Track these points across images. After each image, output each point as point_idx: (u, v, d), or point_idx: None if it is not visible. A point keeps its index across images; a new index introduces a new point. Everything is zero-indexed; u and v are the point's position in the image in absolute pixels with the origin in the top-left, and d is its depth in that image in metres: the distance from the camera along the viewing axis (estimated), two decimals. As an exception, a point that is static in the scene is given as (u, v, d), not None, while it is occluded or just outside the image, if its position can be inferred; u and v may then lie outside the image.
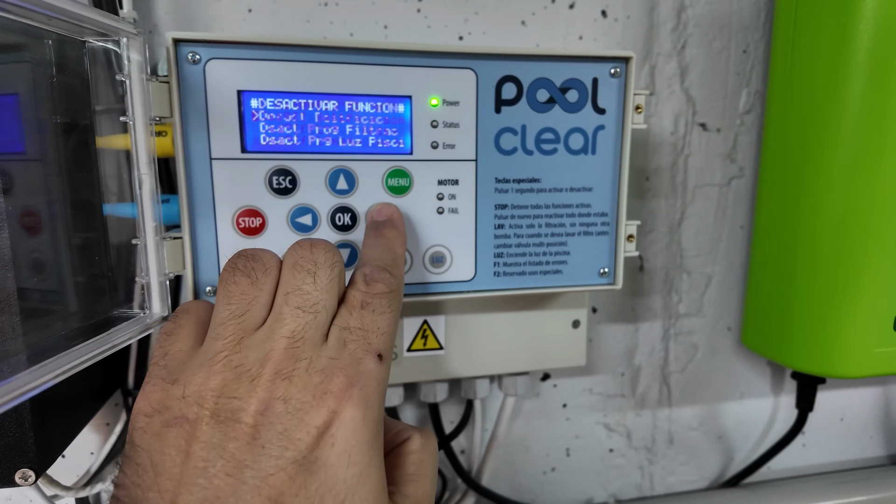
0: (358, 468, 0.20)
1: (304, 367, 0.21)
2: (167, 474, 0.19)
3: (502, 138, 0.33)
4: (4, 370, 0.23)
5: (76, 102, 0.28)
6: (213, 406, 0.20)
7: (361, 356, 0.21)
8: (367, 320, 0.23)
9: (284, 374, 0.20)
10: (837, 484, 0.54)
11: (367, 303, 0.23)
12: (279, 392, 0.20)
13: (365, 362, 0.21)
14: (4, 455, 0.26)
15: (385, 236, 0.28)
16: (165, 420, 0.20)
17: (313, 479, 0.19)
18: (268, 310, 0.23)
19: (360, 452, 0.20)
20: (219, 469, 0.19)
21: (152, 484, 0.19)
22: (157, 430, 0.20)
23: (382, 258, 0.26)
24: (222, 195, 0.29)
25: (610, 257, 0.35)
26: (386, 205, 0.31)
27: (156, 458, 0.19)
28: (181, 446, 0.19)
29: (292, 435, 0.19)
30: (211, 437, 0.19)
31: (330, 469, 0.19)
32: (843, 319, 0.42)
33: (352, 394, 0.20)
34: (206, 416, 0.20)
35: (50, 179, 0.27)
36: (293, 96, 0.29)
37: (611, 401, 0.50)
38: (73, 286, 0.28)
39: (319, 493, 0.19)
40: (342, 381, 0.20)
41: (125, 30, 0.25)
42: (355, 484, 0.19)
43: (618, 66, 0.33)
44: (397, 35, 0.40)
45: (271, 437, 0.19)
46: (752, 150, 0.48)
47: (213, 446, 0.19)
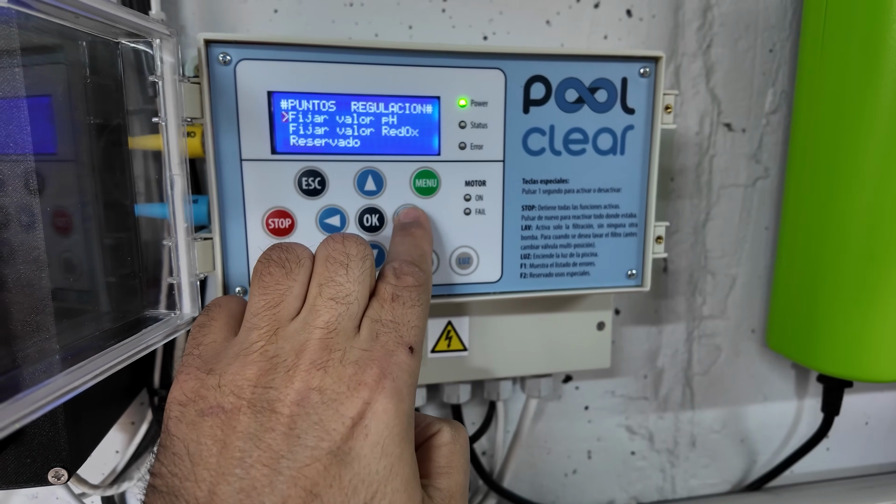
0: (390, 460, 0.20)
1: (339, 359, 0.21)
2: (204, 464, 0.19)
3: (530, 139, 0.32)
4: (40, 372, 0.24)
5: (109, 103, 0.28)
6: (250, 396, 0.20)
7: (393, 348, 0.22)
8: (398, 313, 0.23)
9: (319, 364, 0.20)
10: (862, 489, 0.54)
11: (397, 295, 0.23)
12: (315, 382, 0.20)
13: (397, 354, 0.21)
14: (38, 454, 0.26)
15: (413, 234, 0.28)
16: (201, 410, 0.20)
17: (347, 469, 0.19)
18: (301, 301, 0.23)
19: (392, 444, 0.20)
20: (255, 459, 0.19)
21: (189, 474, 0.19)
22: (193, 419, 0.20)
23: (411, 253, 0.26)
24: (252, 196, 0.29)
25: (638, 259, 0.35)
26: (413, 208, 0.31)
27: (192, 447, 0.19)
28: (217, 436, 0.19)
29: (327, 425, 0.19)
30: (248, 427, 0.19)
31: (363, 460, 0.19)
32: (872, 322, 0.41)
33: (384, 385, 0.20)
34: (244, 406, 0.20)
35: (82, 180, 0.28)
36: (323, 97, 0.29)
37: (633, 403, 0.50)
38: (104, 286, 0.28)
39: (353, 484, 0.19)
40: (375, 373, 0.20)
41: (158, 31, 0.25)
42: (388, 475, 0.19)
43: (647, 66, 0.33)
44: (422, 35, 0.40)
45: (307, 428, 0.19)
46: (778, 151, 0.48)
47: (250, 436, 0.19)
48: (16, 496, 0.40)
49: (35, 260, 0.25)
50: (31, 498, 0.40)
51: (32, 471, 0.26)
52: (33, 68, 0.25)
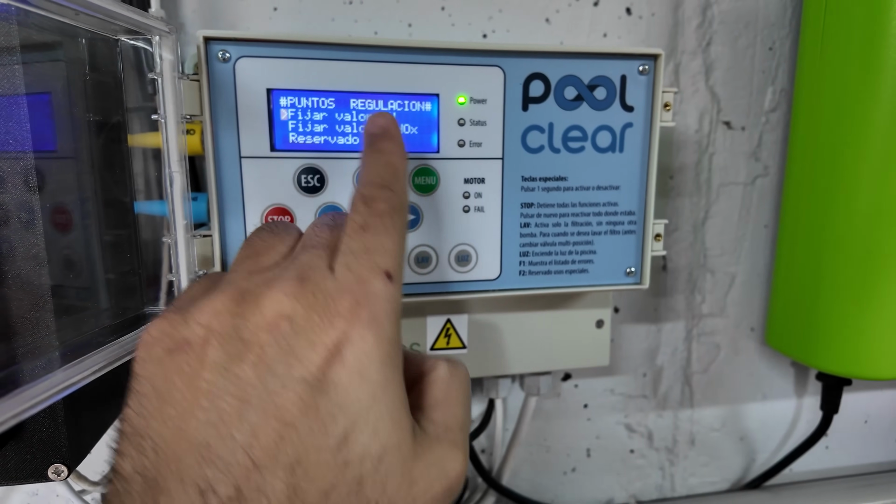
0: (371, 387, 0.19)
1: (311, 290, 0.20)
2: (171, 401, 0.18)
3: (529, 136, 0.32)
4: (40, 367, 0.24)
5: (108, 100, 0.28)
6: (218, 327, 0.19)
7: (367, 277, 0.20)
8: (369, 242, 0.21)
9: (290, 293, 0.19)
10: (861, 487, 0.54)
11: (368, 224, 0.22)
12: (285, 310, 0.19)
13: (371, 283, 0.20)
14: (38, 450, 0.26)
15: (382, 150, 0.25)
16: (168, 347, 0.19)
17: (323, 398, 0.18)
18: (284, 258, 0.22)
19: (373, 370, 0.19)
20: (223, 391, 0.18)
21: (156, 412, 0.18)
22: (160, 357, 0.19)
23: (381, 174, 0.24)
24: (251, 193, 0.29)
25: (637, 256, 0.35)
26: (380, 114, 0.27)
27: (159, 385, 0.19)
28: (185, 371, 0.18)
29: (299, 353, 0.18)
30: (215, 358, 0.18)
31: (340, 388, 0.18)
32: (871, 320, 0.41)
33: (360, 314, 0.19)
34: (211, 338, 0.19)
35: (82, 177, 0.28)
36: (322, 95, 0.29)
37: (632, 401, 0.50)
38: (104, 283, 0.28)
39: (331, 413, 0.18)
40: (349, 302, 0.19)
41: (158, 28, 0.25)
42: (370, 402, 0.18)
43: (646, 64, 0.33)
44: (421, 33, 0.40)
45: (277, 357, 0.18)
46: (777, 149, 0.48)
47: (218, 368, 0.18)
48: (16, 493, 0.40)
49: (35, 257, 0.25)
50: (32, 495, 0.40)
51: (32, 467, 0.27)
52: (33, 65, 0.25)
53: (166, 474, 0.17)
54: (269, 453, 0.17)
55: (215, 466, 0.17)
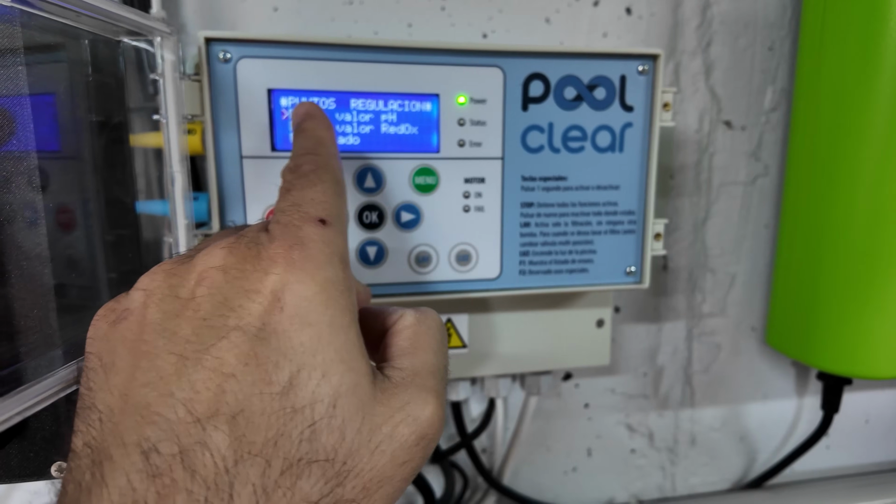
0: (315, 329, 0.18)
1: (244, 244, 0.19)
2: (115, 369, 0.18)
3: (529, 136, 0.33)
4: (43, 366, 0.24)
5: (111, 101, 0.28)
6: (155, 289, 0.19)
7: (299, 224, 0.20)
8: (296, 197, 0.21)
9: (223, 248, 0.19)
10: (862, 487, 0.54)
11: (293, 184, 0.22)
12: (217, 262, 0.19)
13: (304, 228, 0.20)
14: (41, 448, 0.27)
15: (304, 129, 0.26)
16: (111, 320, 0.19)
17: (263, 346, 0.17)
18: None
19: (315, 312, 0.18)
20: (161, 349, 0.17)
21: (103, 383, 0.18)
22: (105, 331, 0.19)
23: (304, 146, 0.24)
24: (252, 193, 0.30)
25: (637, 256, 0.35)
26: (302, 104, 0.27)
27: (105, 358, 0.18)
28: (128, 338, 0.18)
29: (232, 303, 0.18)
30: (154, 318, 0.18)
31: (282, 335, 0.17)
32: (872, 319, 0.41)
33: (293, 256, 0.18)
34: (149, 301, 0.19)
35: (84, 177, 0.28)
36: (322, 95, 0.30)
37: (633, 401, 0.50)
38: (106, 282, 0.29)
39: (273, 360, 0.17)
40: (281, 246, 0.19)
41: (159, 29, 0.26)
42: (315, 346, 0.18)
43: (646, 64, 0.33)
44: (421, 33, 0.40)
45: (212, 309, 0.18)
46: (778, 149, 0.48)
47: (156, 328, 0.18)
48: (18, 492, 0.40)
49: (38, 256, 0.25)
50: (33, 493, 0.41)
51: (35, 465, 0.27)
52: (36, 67, 0.25)
53: (110, 441, 0.17)
54: (209, 406, 0.16)
55: (156, 426, 0.16)
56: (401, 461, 0.18)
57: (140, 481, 0.16)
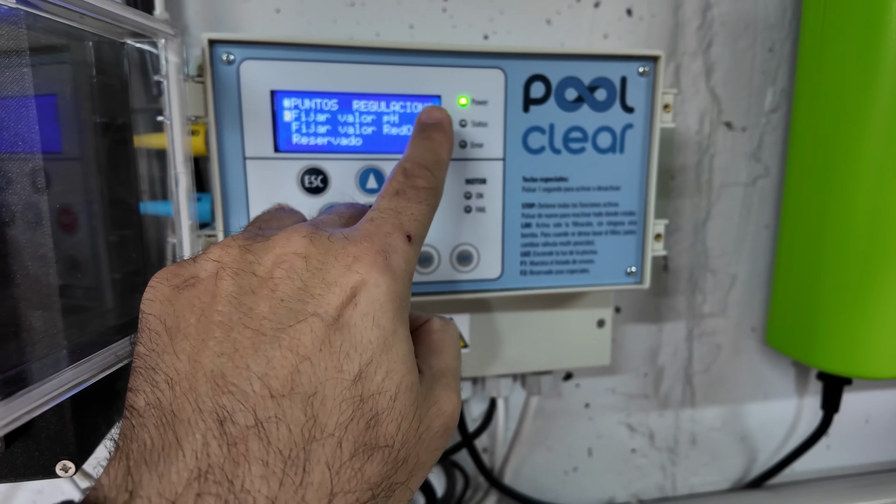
0: (383, 332, 0.19)
1: (326, 236, 0.20)
2: (183, 334, 0.18)
3: (530, 137, 0.33)
4: (48, 366, 0.24)
5: (114, 102, 0.28)
6: (229, 262, 0.19)
7: (390, 230, 0.20)
8: (400, 204, 0.22)
9: (304, 234, 0.19)
10: (862, 486, 0.54)
11: (402, 190, 0.22)
12: (299, 248, 0.19)
13: (393, 236, 0.20)
14: (46, 447, 0.27)
15: (432, 139, 0.27)
16: (176, 284, 0.19)
17: (337, 334, 0.18)
18: None
19: (384, 318, 0.19)
20: (237, 322, 0.18)
21: (167, 346, 0.18)
22: (168, 294, 0.19)
23: (426, 157, 0.25)
24: (255, 194, 0.30)
25: (637, 256, 0.35)
26: (437, 108, 0.29)
27: (169, 321, 0.18)
28: (196, 305, 0.18)
29: (312, 291, 0.18)
30: (227, 290, 0.18)
31: (354, 328, 0.18)
32: (871, 319, 0.41)
33: (377, 261, 0.19)
34: (222, 272, 0.19)
35: (88, 178, 0.28)
36: (325, 96, 0.30)
37: (633, 401, 0.50)
38: (109, 283, 0.29)
39: (345, 349, 0.18)
40: (368, 248, 0.19)
41: (164, 31, 0.26)
42: (382, 346, 0.18)
43: (646, 65, 0.33)
44: (423, 34, 0.40)
45: (291, 292, 0.18)
46: (778, 150, 0.48)
47: (230, 300, 0.18)
48: (22, 491, 0.41)
49: (43, 257, 0.26)
50: (37, 493, 0.41)
51: (41, 464, 0.27)
52: (40, 68, 0.25)
53: (183, 404, 0.17)
54: (285, 384, 0.17)
55: (232, 395, 0.17)
56: (433, 448, 0.20)
57: (217, 447, 0.16)
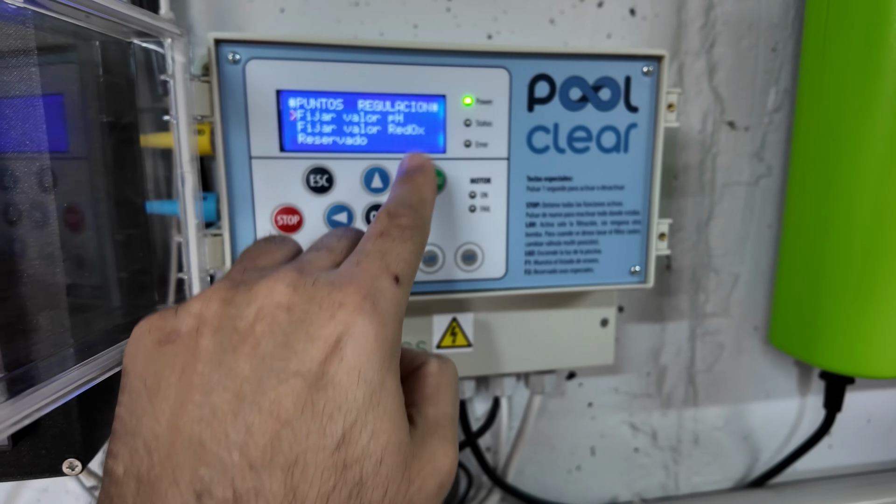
0: (370, 387, 0.18)
1: (310, 282, 0.19)
2: (162, 396, 0.17)
3: (535, 137, 0.33)
4: (55, 365, 0.24)
5: (121, 102, 0.28)
6: (210, 316, 0.18)
7: (377, 273, 0.20)
8: (385, 246, 0.21)
9: (288, 283, 0.18)
10: (864, 486, 0.54)
11: (386, 231, 0.22)
12: (282, 299, 0.18)
13: (380, 279, 0.19)
14: (52, 445, 0.27)
15: (414, 181, 0.26)
16: (157, 339, 0.18)
17: (320, 395, 0.17)
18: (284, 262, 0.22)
19: (372, 370, 0.18)
20: (216, 384, 0.17)
21: (147, 408, 0.17)
22: (149, 350, 0.18)
23: (409, 198, 0.24)
24: (261, 193, 0.30)
25: (641, 255, 0.35)
26: (417, 154, 0.29)
27: (150, 380, 0.18)
28: (176, 363, 0.18)
29: (295, 346, 0.17)
30: (207, 348, 0.18)
31: (339, 386, 0.17)
32: (874, 318, 0.41)
33: (364, 307, 0.18)
34: (203, 327, 0.18)
35: (94, 177, 0.28)
36: (330, 96, 0.30)
37: (636, 400, 0.50)
38: (116, 282, 0.29)
39: (328, 411, 0.17)
40: (353, 293, 0.18)
41: (170, 30, 0.26)
42: (368, 403, 0.17)
43: (650, 65, 0.33)
44: (427, 34, 0.40)
45: (273, 349, 0.17)
46: (781, 149, 0.48)
47: (210, 359, 0.17)
48: (26, 490, 0.41)
49: (50, 256, 0.26)
50: (41, 491, 0.41)
51: (47, 462, 0.27)
52: (47, 67, 0.26)
53: (161, 475, 0.16)
54: (265, 453, 0.16)
55: (211, 467, 0.16)
56: None
57: None
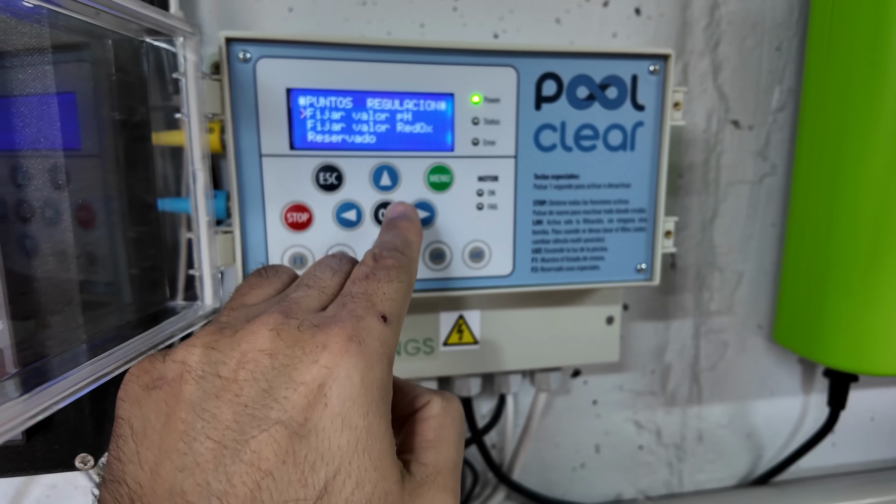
0: (354, 433, 0.17)
1: (295, 325, 0.19)
2: (147, 442, 0.17)
3: (542, 135, 0.33)
4: (68, 361, 0.24)
5: (133, 100, 0.29)
6: (195, 362, 0.18)
7: (362, 314, 0.19)
8: (370, 287, 0.21)
9: (272, 326, 0.18)
10: (867, 484, 0.54)
11: (372, 273, 0.21)
12: (265, 345, 0.18)
13: (366, 319, 0.19)
14: (65, 440, 0.27)
15: (398, 226, 0.27)
16: (145, 384, 0.18)
17: (303, 444, 0.17)
18: (273, 298, 0.22)
19: (357, 415, 0.17)
20: (199, 432, 0.17)
21: (133, 455, 0.17)
22: (137, 395, 0.18)
23: (394, 241, 0.25)
24: (271, 191, 0.30)
25: (647, 253, 0.35)
26: (400, 203, 0.30)
27: (136, 425, 0.18)
28: (162, 409, 0.18)
29: (277, 393, 0.17)
30: (191, 395, 0.18)
31: (322, 433, 0.17)
32: (878, 316, 0.41)
33: (349, 349, 0.18)
34: (187, 373, 0.18)
35: (106, 175, 0.28)
36: (340, 94, 0.30)
37: (641, 398, 0.50)
38: (127, 278, 0.29)
39: (310, 460, 0.17)
40: (338, 334, 0.18)
41: (182, 29, 0.26)
42: (353, 451, 0.17)
43: (657, 64, 0.33)
44: (434, 33, 0.41)
45: (255, 396, 0.17)
46: (785, 148, 0.48)
47: (194, 406, 0.17)
48: (35, 486, 0.41)
49: (63, 253, 0.26)
50: (50, 487, 0.41)
51: (60, 457, 0.27)
52: (60, 65, 0.26)
53: None
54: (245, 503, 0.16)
55: None
56: None
57: None
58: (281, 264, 0.25)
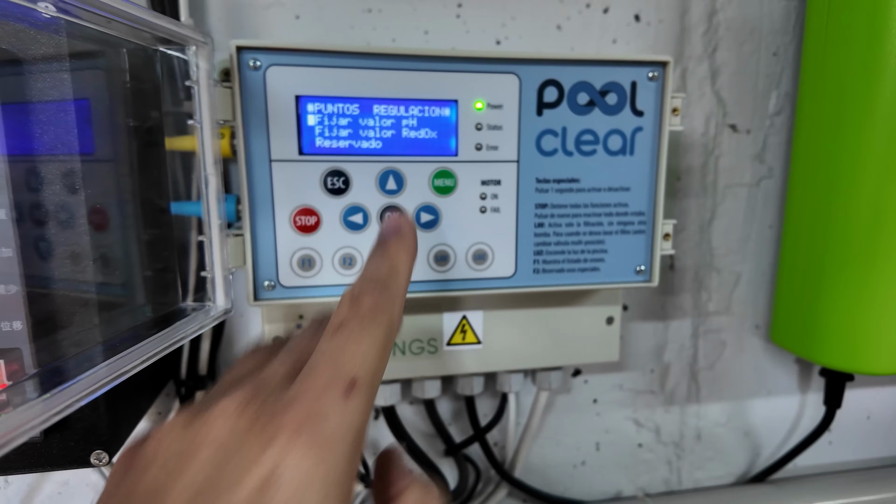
0: None
1: (259, 405, 0.18)
2: None
3: (543, 140, 0.34)
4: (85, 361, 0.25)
5: (146, 106, 0.29)
6: (166, 442, 0.18)
7: (323, 389, 0.18)
8: (340, 342, 0.20)
9: (239, 404, 0.18)
10: (863, 482, 0.55)
11: (344, 324, 0.20)
12: (226, 425, 0.18)
13: (326, 396, 0.18)
14: (81, 438, 0.28)
15: (387, 248, 0.24)
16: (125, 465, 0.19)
17: None
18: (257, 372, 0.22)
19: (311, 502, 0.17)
20: None
21: None
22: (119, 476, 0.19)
23: (377, 270, 0.23)
24: (281, 195, 0.31)
25: (646, 255, 0.36)
26: (397, 216, 0.26)
27: None
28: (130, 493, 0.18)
29: (229, 477, 0.17)
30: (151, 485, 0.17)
31: None
32: (873, 316, 0.42)
33: (299, 436, 0.17)
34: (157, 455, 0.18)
35: (120, 179, 0.29)
36: (347, 101, 0.31)
37: (640, 397, 0.51)
38: (141, 280, 0.30)
39: None
40: (289, 421, 0.17)
41: (195, 38, 0.27)
42: None
43: (655, 71, 0.34)
44: (437, 40, 0.41)
45: (210, 479, 0.17)
46: (782, 151, 0.49)
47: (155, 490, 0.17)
48: (48, 483, 0.42)
49: (78, 255, 0.27)
50: (62, 484, 0.42)
51: (76, 454, 0.28)
52: (76, 73, 0.27)
53: None
54: None
55: None
56: None
57: None
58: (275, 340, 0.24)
